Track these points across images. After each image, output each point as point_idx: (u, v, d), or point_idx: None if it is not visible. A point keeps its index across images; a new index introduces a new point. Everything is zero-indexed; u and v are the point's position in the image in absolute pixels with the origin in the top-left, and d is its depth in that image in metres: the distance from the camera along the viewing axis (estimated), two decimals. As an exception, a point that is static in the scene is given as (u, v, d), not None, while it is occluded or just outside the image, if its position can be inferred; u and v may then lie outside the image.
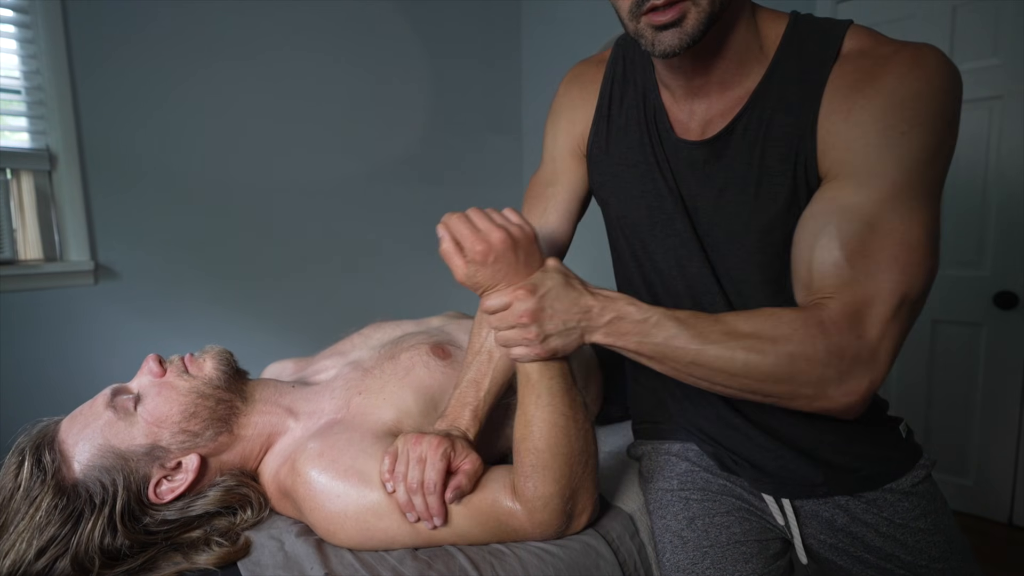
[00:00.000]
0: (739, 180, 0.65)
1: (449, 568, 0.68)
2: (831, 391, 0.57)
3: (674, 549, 0.75)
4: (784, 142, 0.61)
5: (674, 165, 0.70)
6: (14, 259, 1.60)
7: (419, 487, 0.65)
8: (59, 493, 0.66)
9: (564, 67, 2.64)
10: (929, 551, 0.71)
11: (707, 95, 0.66)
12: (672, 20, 0.55)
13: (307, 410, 0.81)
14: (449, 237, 0.62)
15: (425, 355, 0.85)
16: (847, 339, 0.55)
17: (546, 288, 0.61)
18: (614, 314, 0.60)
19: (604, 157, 0.77)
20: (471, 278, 0.62)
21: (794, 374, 0.56)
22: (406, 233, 2.43)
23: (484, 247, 0.60)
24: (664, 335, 0.59)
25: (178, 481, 0.72)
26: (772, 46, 0.63)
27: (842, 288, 0.56)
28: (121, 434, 0.70)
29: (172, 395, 0.73)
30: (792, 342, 0.56)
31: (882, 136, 0.55)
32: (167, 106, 1.81)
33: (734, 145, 0.64)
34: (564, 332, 0.61)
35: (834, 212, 0.57)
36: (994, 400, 1.81)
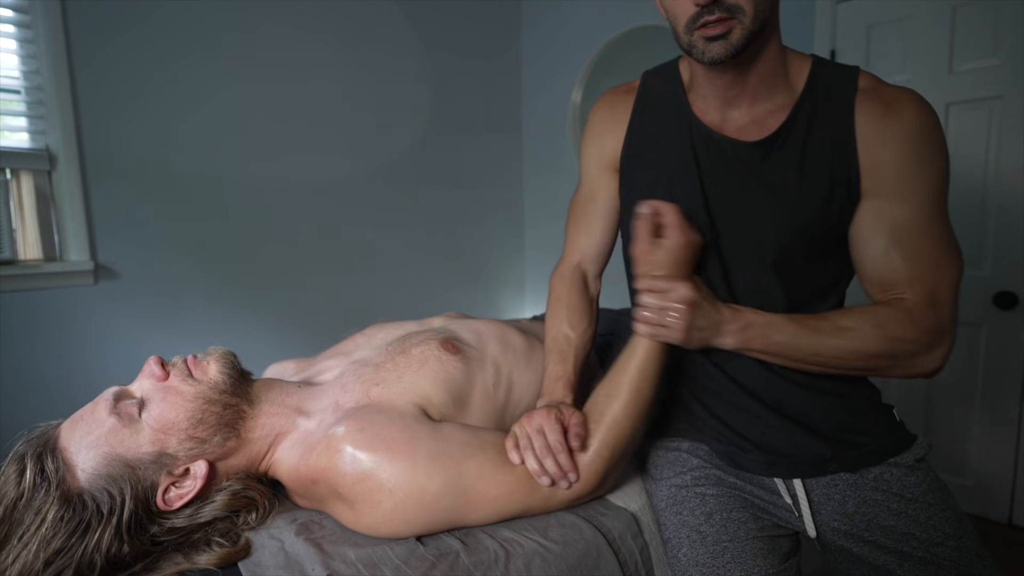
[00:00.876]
0: (780, 184, 0.75)
1: (453, 568, 0.68)
2: (921, 360, 0.73)
3: (692, 544, 0.77)
4: (824, 156, 0.74)
5: (704, 164, 0.79)
6: (14, 259, 1.60)
7: (547, 450, 0.73)
8: (65, 503, 0.64)
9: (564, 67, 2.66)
10: (943, 527, 0.74)
11: (739, 105, 0.77)
12: (721, 33, 0.68)
13: (319, 407, 0.80)
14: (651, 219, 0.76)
15: (436, 350, 0.84)
16: (931, 319, 0.71)
17: (704, 291, 0.75)
18: (743, 323, 0.74)
19: (638, 163, 0.86)
20: (652, 257, 0.75)
21: (895, 352, 0.72)
22: (406, 233, 2.43)
23: (687, 239, 0.74)
24: (786, 335, 0.73)
25: (186, 488, 0.71)
26: (798, 78, 0.76)
27: (914, 282, 0.72)
28: (127, 442, 0.68)
29: (178, 401, 0.71)
30: (890, 327, 0.71)
31: (915, 164, 0.71)
32: (167, 106, 1.81)
33: (779, 149, 0.75)
34: (702, 328, 0.73)
35: (890, 227, 0.73)
36: (994, 400, 1.81)
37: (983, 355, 1.81)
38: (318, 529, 0.74)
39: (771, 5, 0.70)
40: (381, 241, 2.36)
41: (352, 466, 0.70)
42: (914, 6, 1.80)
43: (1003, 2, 1.66)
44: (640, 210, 0.77)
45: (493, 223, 2.78)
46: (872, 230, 0.74)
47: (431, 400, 0.80)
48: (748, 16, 0.67)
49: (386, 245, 2.38)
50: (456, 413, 0.82)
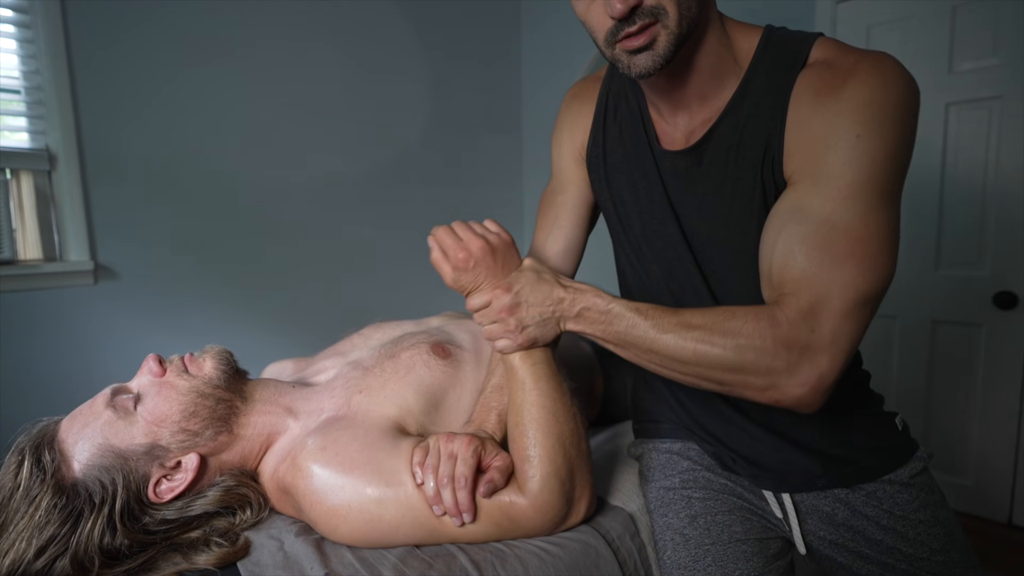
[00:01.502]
0: (717, 186, 0.69)
1: (450, 568, 0.68)
2: (781, 382, 0.59)
3: (675, 547, 0.76)
4: (754, 148, 0.65)
5: (663, 173, 0.74)
6: (14, 259, 1.60)
7: (450, 481, 0.67)
8: (58, 492, 0.65)
9: (564, 67, 2.66)
10: (930, 543, 0.72)
11: (687, 107, 0.70)
12: (644, 44, 0.60)
13: (307, 409, 0.81)
14: (437, 247, 0.72)
15: (426, 354, 0.85)
16: (798, 331, 0.58)
17: (520, 284, 0.69)
18: (583, 305, 0.68)
19: (601, 164, 0.81)
20: (456, 282, 0.71)
21: (743, 364, 0.59)
22: (406, 233, 2.43)
23: (465, 254, 0.70)
24: (625, 324, 0.65)
25: (177, 480, 0.72)
26: (746, 58, 0.67)
27: (800, 283, 0.59)
28: (121, 433, 0.70)
29: (172, 394, 0.73)
30: (742, 335, 0.59)
31: (839, 139, 0.59)
32: (167, 106, 1.81)
33: (711, 152, 0.69)
34: (540, 322, 0.69)
35: (794, 212, 0.61)
36: (994, 400, 1.81)
37: (983, 355, 1.81)
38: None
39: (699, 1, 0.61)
40: (381, 241, 2.36)
41: (310, 485, 0.70)
42: (914, 6, 1.79)
43: (1003, 2, 1.66)
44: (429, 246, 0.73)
45: (493, 223, 2.78)
46: (774, 214, 0.63)
47: (411, 410, 0.80)
48: (672, 19, 0.59)
49: (386, 245, 2.38)
50: (437, 418, 0.82)
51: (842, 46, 0.63)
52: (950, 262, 1.83)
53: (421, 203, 2.48)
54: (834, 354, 0.58)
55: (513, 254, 0.73)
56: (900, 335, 1.94)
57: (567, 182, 0.87)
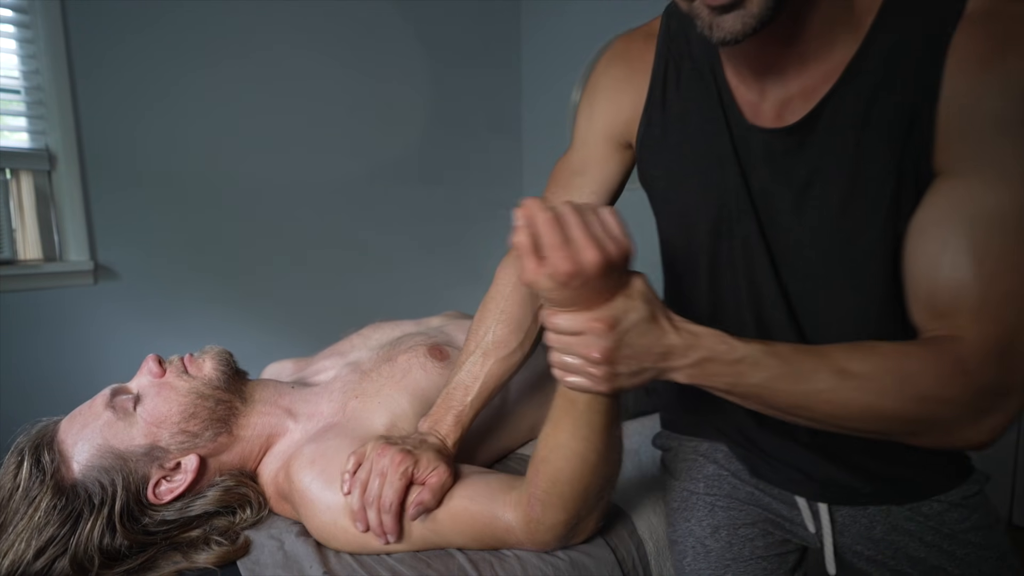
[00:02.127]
0: (827, 176, 0.54)
1: (448, 568, 0.68)
2: (966, 431, 0.49)
3: (696, 556, 0.74)
4: (889, 127, 0.50)
5: (743, 156, 0.59)
6: (13, 259, 1.60)
7: (374, 501, 0.64)
8: (58, 493, 0.65)
9: (564, 67, 2.66)
10: (980, 566, 0.62)
11: (781, 71, 0.54)
12: (732, 1, 0.46)
13: (306, 412, 0.81)
14: (528, 232, 0.49)
15: (422, 357, 0.85)
16: (990, 375, 0.46)
17: (629, 323, 0.50)
18: (702, 355, 0.51)
19: (660, 148, 0.65)
20: (542, 288, 0.50)
21: (925, 417, 0.48)
22: (406, 233, 2.43)
23: (573, 268, 0.47)
24: (763, 376, 0.50)
25: (177, 481, 0.72)
26: (869, 9, 0.51)
27: (982, 312, 0.46)
28: (120, 434, 0.70)
29: (171, 395, 0.73)
30: (923, 384, 0.47)
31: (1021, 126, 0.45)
32: (167, 106, 1.81)
33: (822, 132, 0.54)
34: (637, 372, 0.52)
35: (964, 218, 0.47)
36: (993, 400, 1.81)
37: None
38: (317, 528, 0.74)
39: None
40: (381, 241, 2.36)
41: (304, 497, 0.71)
42: (913, 6, 1.79)
43: (1002, 2, 1.65)
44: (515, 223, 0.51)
45: (493, 223, 2.78)
46: (936, 224, 0.49)
47: (405, 414, 0.79)
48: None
49: (386, 245, 2.38)
50: None
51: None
52: (949, 262, 1.82)
53: (421, 204, 2.48)
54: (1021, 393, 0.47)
55: (625, 274, 0.52)
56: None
57: (592, 162, 0.71)
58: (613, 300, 0.51)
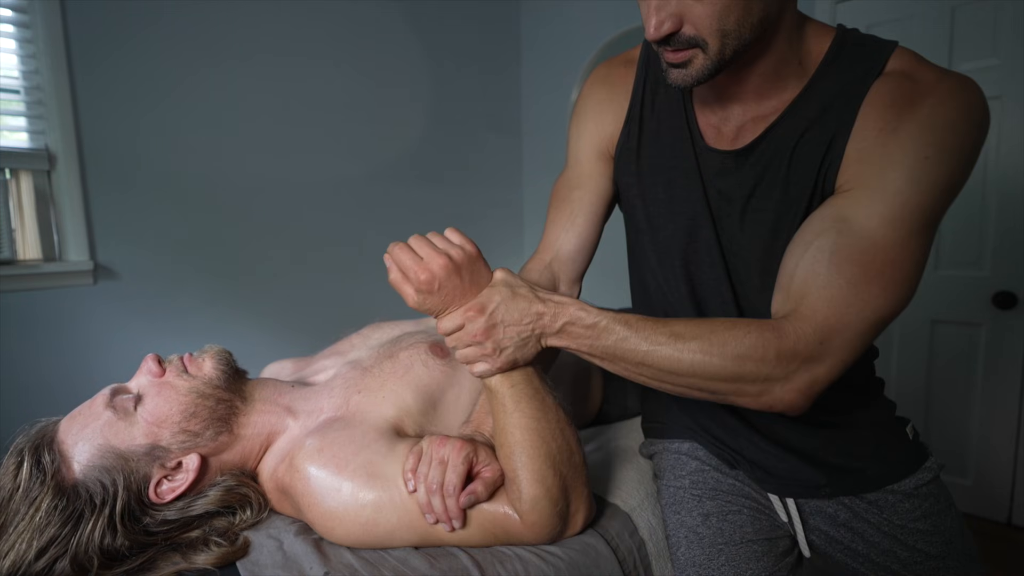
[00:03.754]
0: (767, 188, 0.65)
1: (452, 568, 0.68)
2: (776, 388, 0.58)
3: (689, 544, 0.77)
4: (814, 151, 0.62)
5: (704, 172, 0.69)
6: (13, 259, 1.60)
7: (438, 488, 0.66)
8: (59, 494, 0.65)
9: (563, 67, 2.66)
10: (926, 549, 0.73)
11: (741, 101, 0.66)
12: (680, 62, 0.58)
13: (306, 409, 0.80)
14: (396, 267, 0.65)
15: (424, 354, 0.85)
16: (805, 345, 0.56)
17: (495, 303, 0.63)
18: (566, 319, 0.63)
19: (634, 160, 0.75)
20: (421, 305, 0.65)
21: (741, 374, 0.58)
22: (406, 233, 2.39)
23: (428, 276, 0.63)
24: (614, 338, 0.61)
25: (178, 481, 0.72)
26: (814, 61, 0.63)
27: (822, 298, 0.56)
28: (121, 434, 0.70)
29: (172, 395, 0.73)
30: (743, 345, 0.57)
31: (907, 156, 0.56)
32: (166, 106, 1.81)
33: (766, 152, 0.65)
34: (520, 342, 0.64)
35: (836, 221, 0.58)
36: (993, 400, 1.81)
37: (982, 355, 1.81)
38: (316, 529, 0.74)
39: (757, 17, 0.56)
40: (381, 241, 2.35)
41: (308, 487, 0.70)
42: (914, 6, 1.80)
43: (1002, 2, 1.66)
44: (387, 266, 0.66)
45: (493, 223, 2.78)
46: (816, 226, 0.59)
47: (409, 410, 0.79)
48: (713, 49, 0.56)
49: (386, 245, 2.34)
50: (435, 417, 0.81)
51: (923, 60, 0.60)
52: (950, 262, 1.83)
53: (422, 203, 2.48)
54: (832, 365, 0.57)
55: (481, 267, 0.66)
56: (900, 335, 1.94)
57: (586, 176, 0.80)
58: (480, 293, 0.64)
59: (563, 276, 0.82)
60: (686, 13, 0.55)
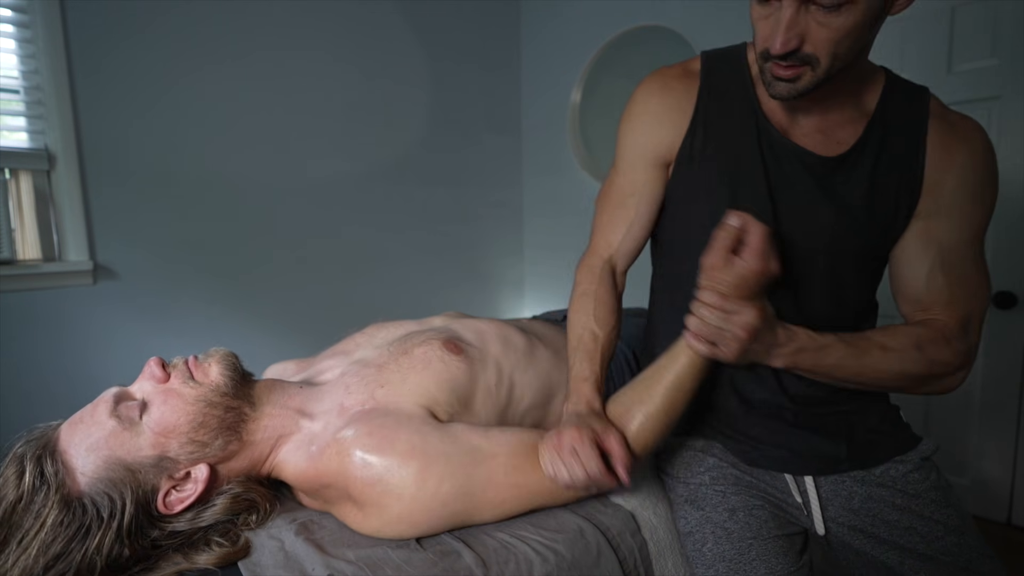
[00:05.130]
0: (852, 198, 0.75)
1: (454, 567, 0.68)
2: (948, 380, 0.75)
3: (717, 539, 0.79)
4: (892, 172, 0.74)
5: (772, 169, 0.76)
6: (13, 259, 1.60)
7: (585, 479, 0.70)
8: (65, 508, 0.63)
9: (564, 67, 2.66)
10: (945, 522, 0.76)
11: (809, 112, 0.75)
12: (789, 77, 0.66)
13: (322, 408, 0.79)
14: (734, 236, 0.69)
15: (439, 350, 0.84)
16: (963, 343, 0.74)
17: (769, 316, 0.71)
18: (797, 345, 0.72)
19: (697, 156, 0.79)
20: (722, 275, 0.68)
21: (932, 373, 0.74)
22: (406, 233, 2.43)
23: (763, 267, 0.68)
24: (837, 357, 0.72)
25: (187, 491, 0.71)
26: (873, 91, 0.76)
27: (950, 306, 0.75)
28: (127, 445, 0.68)
29: (179, 404, 0.70)
30: (929, 349, 0.73)
31: (974, 191, 0.74)
32: (166, 105, 1.80)
33: (854, 167, 0.75)
34: (756, 352, 0.72)
35: (939, 247, 0.75)
36: (992, 400, 1.81)
37: (982, 355, 1.81)
38: (318, 529, 0.74)
39: (861, 45, 0.66)
40: (381, 241, 2.36)
41: (363, 470, 0.70)
42: (913, 6, 1.79)
43: (1002, 2, 1.66)
44: (729, 221, 0.69)
45: (493, 223, 2.78)
46: (921, 250, 0.75)
47: (437, 400, 0.79)
48: (822, 67, 0.64)
49: (386, 245, 2.38)
50: (462, 412, 0.81)
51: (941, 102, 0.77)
52: (949, 262, 1.83)
53: (421, 204, 2.48)
54: (976, 351, 0.76)
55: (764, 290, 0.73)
56: (899, 335, 1.94)
57: (641, 183, 0.84)
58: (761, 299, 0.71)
59: (620, 268, 0.90)
60: (809, 34, 0.63)
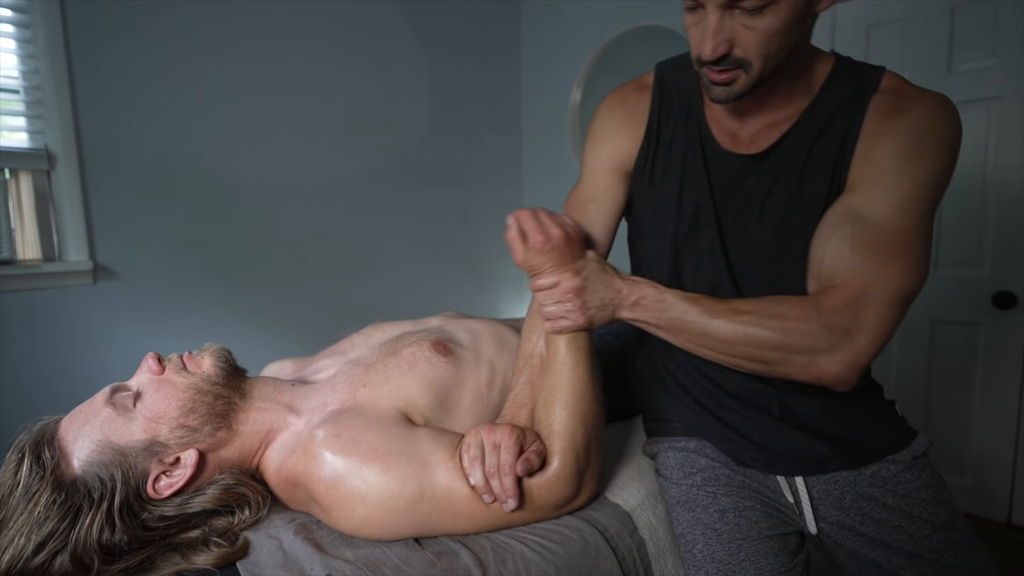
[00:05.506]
0: (784, 186, 0.74)
1: (453, 567, 0.68)
2: (821, 360, 0.66)
3: (707, 541, 0.79)
4: (827, 153, 0.72)
5: (715, 177, 0.78)
6: (13, 259, 1.60)
7: (496, 471, 0.70)
8: (57, 488, 0.66)
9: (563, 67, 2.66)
10: (932, 520, 0.75)
11: (756, 113, 0.76)
12: (724, 81, 0.67)
13: (309, 406, 0.81)
14: (516, 226, 0.75)
15: (427, 351, 0.85)
16: (841, 317, 0.65)
17: (588, 271, 0.75)
18: (639, 295, 0.74)
19: (649, 171, 0.84)
20: (527, 261, 0.76)
21: (788, 344, 0.67)
22: (406, 233, 2.43)
23: (544, 238, 0.74)
24: (678, 311, 0.72)
25: (176, 476, 0.72)
26: (819, 79, 0.74)
27: (850, 276, 0.66)
28: (120, 430, 0.70)
29: (170, 391, 0.73)
30: (788, 317, 0.67)
31: (903, 156, 0.67)
32: (166, 106, 1.80)
33: (783, 155, 0.74)
34: (600, 307, 0.75)
35: (850, 214, 0.68)
36: (992, 400, 1.81)
37: (981, 355, 1.81)
38: (316, 529, 0.74)
39: (792, 44, 0.66)
40: (381, 241, 2.36)
41: (326, 471, 0.71)
42: (913, 6, 1.80)
43: (1002, 2, 1.66)
44: (507, 224, 0.77)
45: (493, 223, 2.78)
46: (834, 220, 0.69)
47: (416, 403, 0.80)
48: (755, 69, 0.66)
49: (386, 245, 2.38)
50: (442, 415, 0.82)
51: (907, 81, 0.73)
52: (949, 262, 1.83)
53: (421, 204, 2.48)
54: (871, 338, 0.66)
55: (581, 247, 0.78)
56: (899, 335, 1.94)
57: (602, 191, 0.87)
58: (575, 262, 0.76)
59: None
60: (737, 38, 0.64)
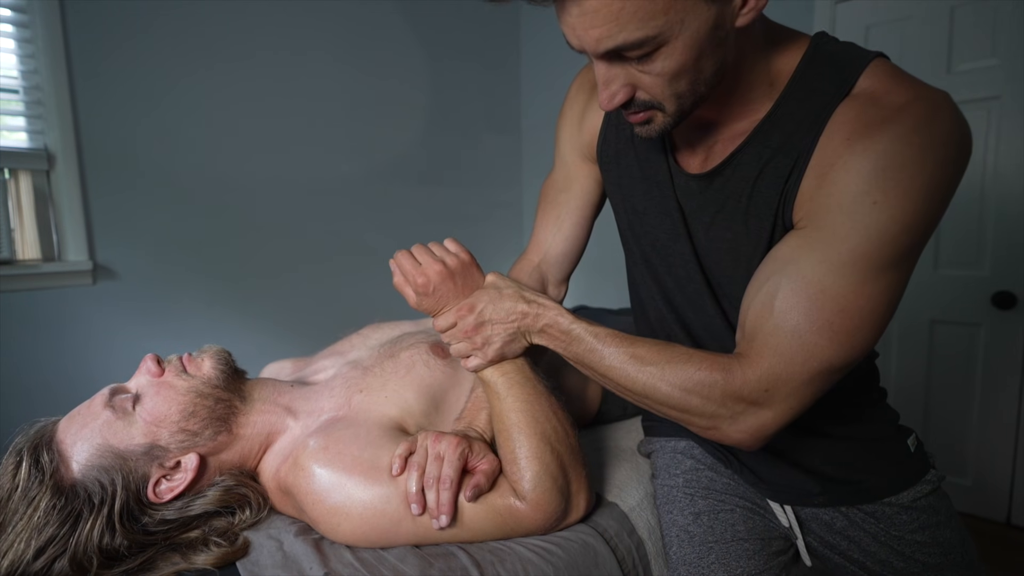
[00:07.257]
0: (729, 215, 0.64)
1: (450, 567, 0.68)
2: (723, 426, 0.60)
3: (680, 543, 0.78)
4: (773, 184, 0.59)
5: (677, 188, 0.70)
6: (12, 259, 1.60)
7: (434, 482, 0.67)
8: (57, 493, 0.65)
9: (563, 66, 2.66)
10: (924, 560, 0.72)
11: (708, 127, 0.65)
12: (641, 122, 0.59)
13: (306, 409, 0.80)
14: (398, 271, 0.73)
15: (425, 354, 0.85)
16: (751, 391, 0.57)
17: (483, 303, 0.70)
18: (545, 321, 0.68)
19: (613, 166, 0.77)
20: (419, 305, 0.73)
21: (687, 407, 0.60)
22: (406, 233, 2.43)
23: (424, 280, 0.71)
24: (583, 348, 0.66)
25: (177, 480, 0.72)
26: (783, 80, 0.59)
27: (769, 343, 0.56)
28: (120, 434, 0.70)
29: (171, 394, 0.73)
30: (691, 380, 0.59)
31: (854, 202, 0.52)
32: (166, 106, 1.80)
33: (728, 180, 0.63)
34: (507, 338, 0.70)
35: (787, 263, 0.56)
36: (992, 400, 1.81)
37: (981, 355, 1.82)
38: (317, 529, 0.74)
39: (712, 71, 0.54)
40: (381, 241, 2.36)
41: (313, 484, 0.70)
42: (913, 6, 1.80)
43: (1001, 2, 1.66)
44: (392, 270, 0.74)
45: (493, 223, 2.78)
46: (771, 266, 0.58)
47: (411, 409, 0.80)
48: (671, 109, 0.55)
49: (386, 245, 2.37)
50: (437, 418, 0.82)
51: (899, 76, 0.54)
52: (949, 262, 1.83)
53: (421, 204, 2.48)
54: (780, 412, 0.57)
55: (474, 273, 0.74)
56: (899, 335, 1.95)
57: (571, 179, 0.83)
58: (471, 295, 0.72)
59: (551, 277, 0.88)
60: (638, 82, 0.54)
